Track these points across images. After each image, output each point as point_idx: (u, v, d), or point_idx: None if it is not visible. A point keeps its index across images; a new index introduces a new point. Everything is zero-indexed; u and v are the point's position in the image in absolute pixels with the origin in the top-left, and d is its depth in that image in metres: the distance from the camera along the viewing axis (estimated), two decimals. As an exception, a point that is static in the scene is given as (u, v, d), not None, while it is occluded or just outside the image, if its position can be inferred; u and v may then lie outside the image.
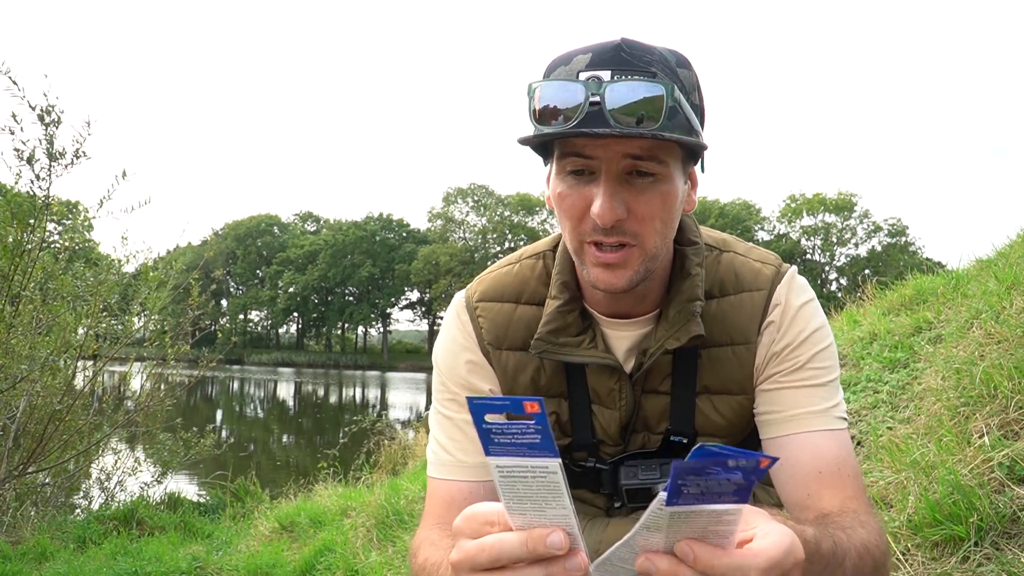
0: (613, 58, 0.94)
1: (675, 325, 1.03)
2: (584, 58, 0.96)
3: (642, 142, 0.93)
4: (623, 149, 0.93)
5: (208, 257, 7.83)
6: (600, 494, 1.16)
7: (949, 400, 2.41)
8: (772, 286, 1.08)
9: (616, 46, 0.94)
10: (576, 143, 0.94)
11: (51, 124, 4.69)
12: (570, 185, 0.97)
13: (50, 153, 4.74)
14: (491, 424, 0.59)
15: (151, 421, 6.85)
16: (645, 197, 0.95)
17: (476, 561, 0.64)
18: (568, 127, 0.91)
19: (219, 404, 27.63)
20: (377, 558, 3.40)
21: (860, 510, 0.95)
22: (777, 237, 55.15)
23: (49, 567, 4.11)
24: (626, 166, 0.94)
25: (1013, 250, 3.93)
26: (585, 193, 0.96)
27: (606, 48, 0.95)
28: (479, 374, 1.13)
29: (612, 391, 1.09)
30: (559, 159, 0.97)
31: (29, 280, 4.99)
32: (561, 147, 0.97)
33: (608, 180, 0.93)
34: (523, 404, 0.58)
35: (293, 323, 69.79)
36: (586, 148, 0.94)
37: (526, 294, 1.13)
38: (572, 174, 0.96)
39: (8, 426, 5.25)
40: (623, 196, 0.94)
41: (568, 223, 0.99)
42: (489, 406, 0.59)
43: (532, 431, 0.58)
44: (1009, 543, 1.73)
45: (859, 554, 0.85)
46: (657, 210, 0.96)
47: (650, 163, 0.94)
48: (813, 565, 0.76)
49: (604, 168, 0.93)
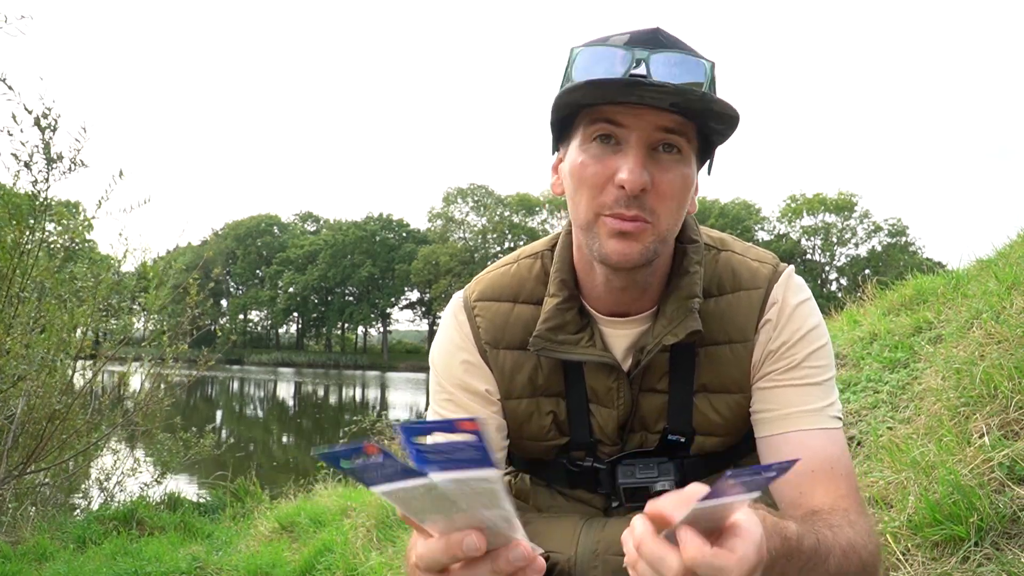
0: (651, 39, 0.96)
1: (673, 321, 1.03)
2: (622, 38, 0.97)
3: (675, 117, 0.93)
4: (657, 121, 0.93)
5: (208, 257, 7.84)
6: (598, 494, 1.15)
7: (949, 400, 2.41)
8: (769, 285, 1.08)
9: (654, 30, 0.96)
10: (609, 111, 0.94)
11: (47, 128, 4.68)
12: (593, 155, 0.96)
13: (48, 157, 4.74)
14: (422, 445, 0.58)
15: (150, 421, 6.85)
16: (669, 175, 0.95)
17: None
18: (616, 79, 0.91)
19: (219, 404, 27.63)
20: (377, 558, 3.40)
21: (851, 509, 0.95)
22: (777, 237, 55.13)
23: (49, 567, 4.11)
24: (656, 139, 0.94)
25: (1013, 250, 3.93)
26: (609, 163, 0.95)
27: (643, 32, 0.97)
28: (475, 374, 1.13)
29: (610, 390, 1.09)
30: (586, 126, 0.97)
31: (28, 280, 5.00)
32: (591, 114, 0.96)
33: (638, 147, 0.94)
34: (454, 424, 0.57)
35: (293, 323, 69.78)
36: (619, 116, 0.94)
37: (524, 293, 1.13)
38: (599, 140, 0.96)
39: (7, 426, 5.25)
40: (650, 167, 0.94)
41: (587, 193, 0.97)
42: (419, 430, 0.58)
43: (469, 448, 0.57)
44: (1009, 543, 1.73)
45: (844, 552, 0.85)
46: (677, 190, 0.96)
47: (678, 137, 0.95)
48: (792, 561, 0.76)
49: (635, 137, 0.94)
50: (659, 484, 1.08)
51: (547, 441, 1.13)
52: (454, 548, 0.63)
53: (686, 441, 1.09)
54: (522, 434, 1.14)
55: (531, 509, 1.21)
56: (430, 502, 0.61)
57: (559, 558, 1.06)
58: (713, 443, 1.10)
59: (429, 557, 0.65)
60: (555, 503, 1.19)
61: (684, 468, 1.10)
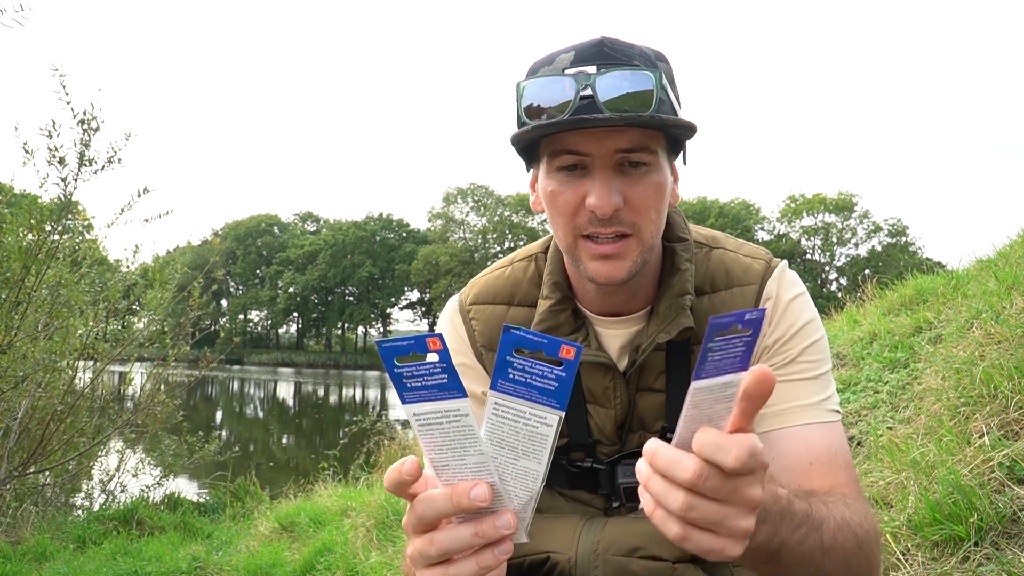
0: (596, 54, 0.96)
1: (666, 319, 1.04)
2: (567, 56, 0.97)
3: (632, 135, 0.94)
4: (615, 144, 0.94)
5: (213, 261, 7.89)
6: (598, 494, 1.15)
7: (949, 400, 2.41)
8: (763, 280, 1.09)
9: (598, 42, 0.97)
10: (568, 140, 0.95)
11: (88, 131, 4.93)
12: (561, 182, 0.98)
13: (82, 158, 4.94)
14: (402, 368, 0.61)
15: (151, 422, 6.86)
16: (640, 187, 0.96)
17: (417, 528, 0.67)
18: (562, 120, 0.92)
19: (219, 404, 27.64)
20: (377, 558, 3.40)
21: (849, 495, 0.95)
22: (777, 237, 55.15)
23: (49, 567, 4.12)
24: (618, 159, 0.95)
25: (1013, 250, 3.94)
26: (578, 188, 0.97)
27: (588, 46, 0.97)
28: (471, 377, 1.14)
29: (607, 390, 1.10)
30: (549, 158, 0.98)
31: (40, 283, 5.04)
32: (551, 145, 0.97)
33: (603, 170, 0.95)
34: (426, 341, 0.60)
35: (293, 323, 69.76)
36: (579, 144, 0.95)
37: (518, 296, 1.15)
38: (564, 170, 0.97)
39: (11, 426, 5.26)
40: (618, 186, 0.95)
41: (562, 219, 0.99)
42: (397, 348, 0.61)
43: (439, 371, 0.60)
44: (1009, 543, 1.73)
45: (838, 525, 0.84)
46: (652, 199, 0.97)
47: (641, 154, 0.95)
48: (785, 521, 0.76)
49: (597, 161, 0.95)
50: None
51: None
52: (461, 496, 0.63)
53: None
54: None
55: None
56: (453, 435, 0.63)
57: (560, 558, 1.06)
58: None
59: (428, 507, 0.65)
60: (555, 504, 1.19)
61: None
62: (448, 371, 0.61)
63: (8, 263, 4.83)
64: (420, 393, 0.62)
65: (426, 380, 0.61)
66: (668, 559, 1.03)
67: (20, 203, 5.09)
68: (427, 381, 0.61)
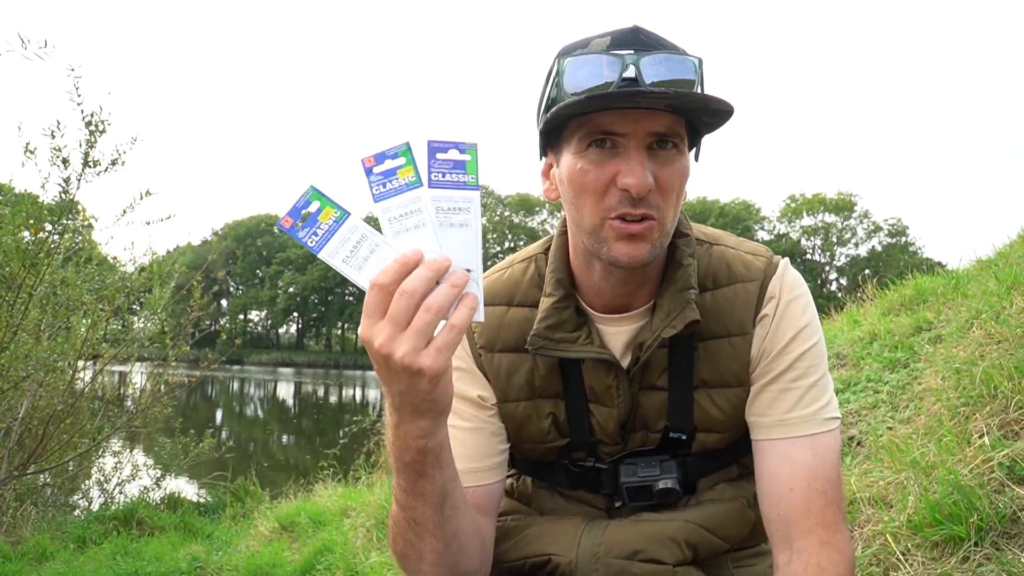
0: (633, 40, 0.96)
1: (671, 314, 1.03)
2: (603, 40, 0.97)
3: (666, 120, 0.95)
4: (651, 126, 0.94)
5: (212, 260, 7.87)
6: (600, 494, 1.15)
7: (949, 400, 2.41)
8: (765, 277, 1.08)
9: (633, 29, 0.97)
10: (603, 120, 0.95)
11: (95, 132, 4.94)
12: (592, 160, 0.97)
13: (86, 159, 4.95)
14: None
15: (151, 423, 6.85)
16: (668, 169, 0.96)
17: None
18: (619, 92, 0.92)
19: (219, 404, 27.62)
20: (377, 558, 3.39)
21: (830, 523, 0.98)
22: (777, 237, 55.16)
23: (49, 567, 4.11)
24: (649, 142, 0.96)
25: (1013, 250, 3.94)
26: (608, 167, 0.96)
27: (623, 32, 0.97)
28: (467, 380, 1.12)
29: (609, 388, 1.09)
30: (581, 138, 0.97)
31: (40, 283, 5.03)
32: (585, 126, 0.96)
33: (638, 150, 0.95)
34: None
35: (293, 323, 69.73)
36: (615, 125, 0.95)
37: (518, 296, 1.14)
38: (594, 146, 0.96)
39: (11, 427, 5.26)
40: (651, 166, 0.95)
41: (590, 199, 0.98)
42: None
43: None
44: (1009, 543, 1.73)
45: None
46: (677, 183, 0.98)
47: (672, 138, 0.96)
48: None
49: (632, 141, 0.95)
50: (662, 482, 1.08)
51: (547, 443, 1.13)
52: (440, 264, 0.78)
53: (687, 438, 1.09)
54: (522, 437, 1.13)
55: (533, 512, 1.20)
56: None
57: (560, 560, 1.06)
58: (715, 440, 1.09)
59: (415, 279, 0.77)
60: (557, 505, 1.18)
61: (686, 466, 1.10)
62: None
63: (7, 263, 4.82)
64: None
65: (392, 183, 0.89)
66: (669, 563, 1.03)
67: (20, 203, 5.07)
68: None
